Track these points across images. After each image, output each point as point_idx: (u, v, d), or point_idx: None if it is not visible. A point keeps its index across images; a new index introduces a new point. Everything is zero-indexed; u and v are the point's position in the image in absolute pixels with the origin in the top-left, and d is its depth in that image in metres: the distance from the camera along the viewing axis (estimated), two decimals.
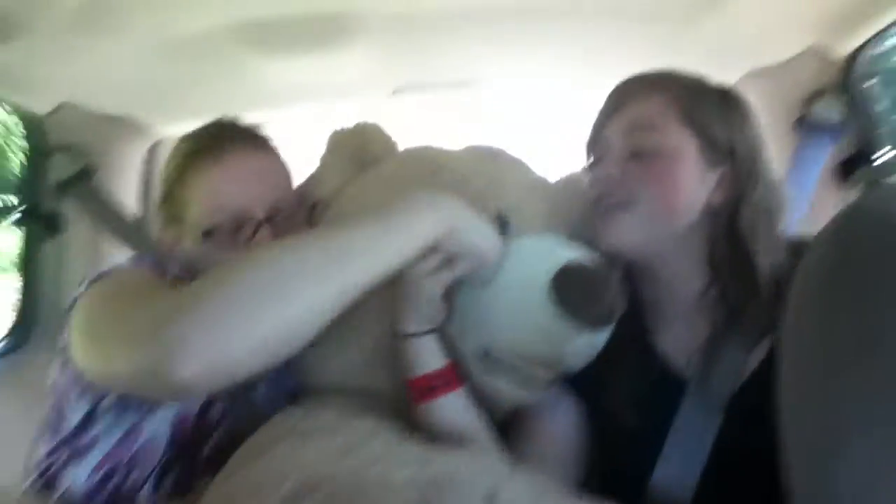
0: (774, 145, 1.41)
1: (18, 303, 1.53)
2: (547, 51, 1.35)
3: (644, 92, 0.89)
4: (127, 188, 1.58)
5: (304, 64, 1.34)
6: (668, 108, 0.86)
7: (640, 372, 0.87)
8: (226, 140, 0.94)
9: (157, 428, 0.83)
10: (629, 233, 0.85)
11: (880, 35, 1.19)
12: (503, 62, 1.40)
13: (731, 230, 0.85)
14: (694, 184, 0.85)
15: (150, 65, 1.24)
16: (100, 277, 0.81)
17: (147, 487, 0.81)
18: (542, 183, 1.01)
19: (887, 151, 1.28)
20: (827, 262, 0.46)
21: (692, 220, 0.85)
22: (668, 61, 1.33)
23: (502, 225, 0.87)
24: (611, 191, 0.85)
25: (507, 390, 0.84)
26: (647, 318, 0.92)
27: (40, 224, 1.47)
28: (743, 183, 0.85)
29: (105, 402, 0.79)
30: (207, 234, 0.89)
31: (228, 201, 0.89)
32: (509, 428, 0.89)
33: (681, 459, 0.80)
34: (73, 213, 1.47)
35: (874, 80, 1.28)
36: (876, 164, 1.29)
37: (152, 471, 0.82)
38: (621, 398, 0.86)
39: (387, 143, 1.01)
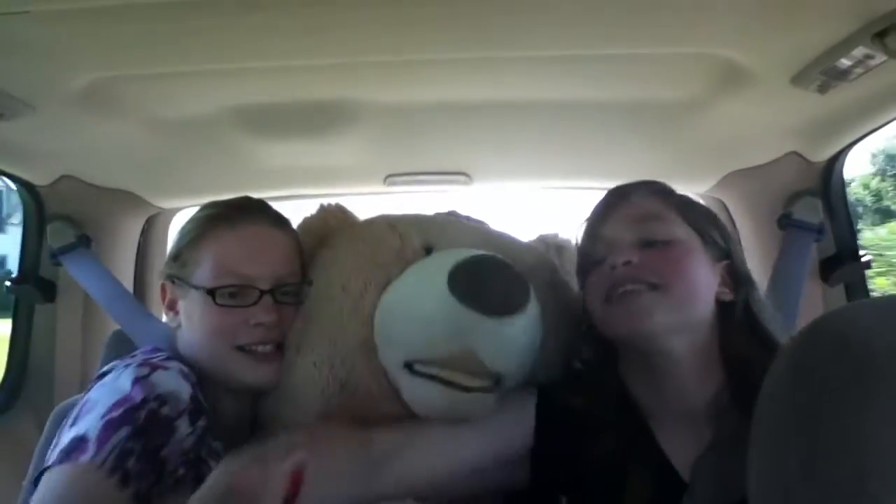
0: (758, 241, 1.44)
1: (7, 366, 1.54)
2: (536, 145, 1.38)
3: (641, 191, 0.92)
4: (124, 258, 1.61)
5: (299, 148, 1.38)
6: (668, 206, 0.90)
7: (643, 474, 0.84)
8: (244, 212, 0.99)
9: None
10: (658, 314, 0.82)
11: (856, 143, 1.23)
12: (495, 155, 1.44)
13: (743, 325, 0.87)
14: (706, 271, 0.86)
15: (150, 143, 1.28)
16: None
17: None
18: (485, 231, 1.08)
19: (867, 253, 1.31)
20: (783, 380, 0.51)
21: (709, 310, 0.86)
22: (654, 156, 1.37)
23: (427, 251, 0.96)
24: (631, 276, 0.84)
25: (437, 401, 0.86)
26: (651, 421, 0.89)
27: (35, 290, 1.50)
28: (742, 283, 0.88)
29: None
30: (210, 293, 0.92)
31: (237, 266, 0.93)
32: None
33: None
34: (67, 281, 1.49)
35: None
36: (856, 264, 1.32)
37: None
38: (625, 500, 0.84)
39: (345, 218, 1.09)
